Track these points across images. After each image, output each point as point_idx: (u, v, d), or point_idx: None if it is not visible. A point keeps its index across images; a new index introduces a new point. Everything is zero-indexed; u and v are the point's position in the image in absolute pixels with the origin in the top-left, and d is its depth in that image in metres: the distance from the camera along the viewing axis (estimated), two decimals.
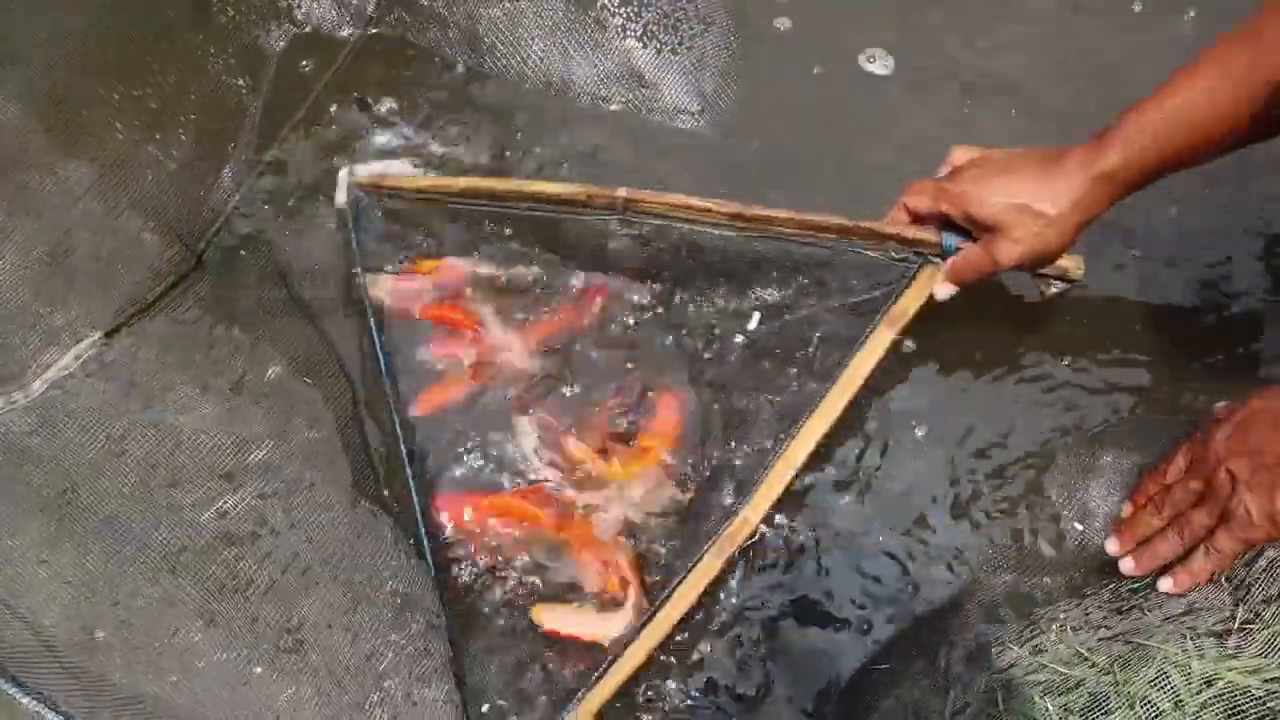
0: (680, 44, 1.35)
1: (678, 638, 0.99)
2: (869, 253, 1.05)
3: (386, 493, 1.08)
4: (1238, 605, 0.84)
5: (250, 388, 1.08)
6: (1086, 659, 0.86)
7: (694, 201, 1.07)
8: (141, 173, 1.26)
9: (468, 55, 1.37)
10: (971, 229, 0.97)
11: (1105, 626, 0.90)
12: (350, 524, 1.00)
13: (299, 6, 1.36)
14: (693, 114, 1.32)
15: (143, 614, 0.94)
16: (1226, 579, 0.87)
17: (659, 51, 1.35)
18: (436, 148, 1.31)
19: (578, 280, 1.19)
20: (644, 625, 0.96)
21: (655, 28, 1.35)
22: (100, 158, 1.20)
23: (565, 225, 1.21)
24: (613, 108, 1.33)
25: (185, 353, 1.11)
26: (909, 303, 1.02)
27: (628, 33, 1.35)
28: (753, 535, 1.01)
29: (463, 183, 1.21)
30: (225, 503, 0.99)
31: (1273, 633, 0.79)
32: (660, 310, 1.17)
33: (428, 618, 0.99)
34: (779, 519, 1.05)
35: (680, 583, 0.97)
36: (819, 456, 1.04)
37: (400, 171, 1.28)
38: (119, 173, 1.23)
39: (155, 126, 1.30)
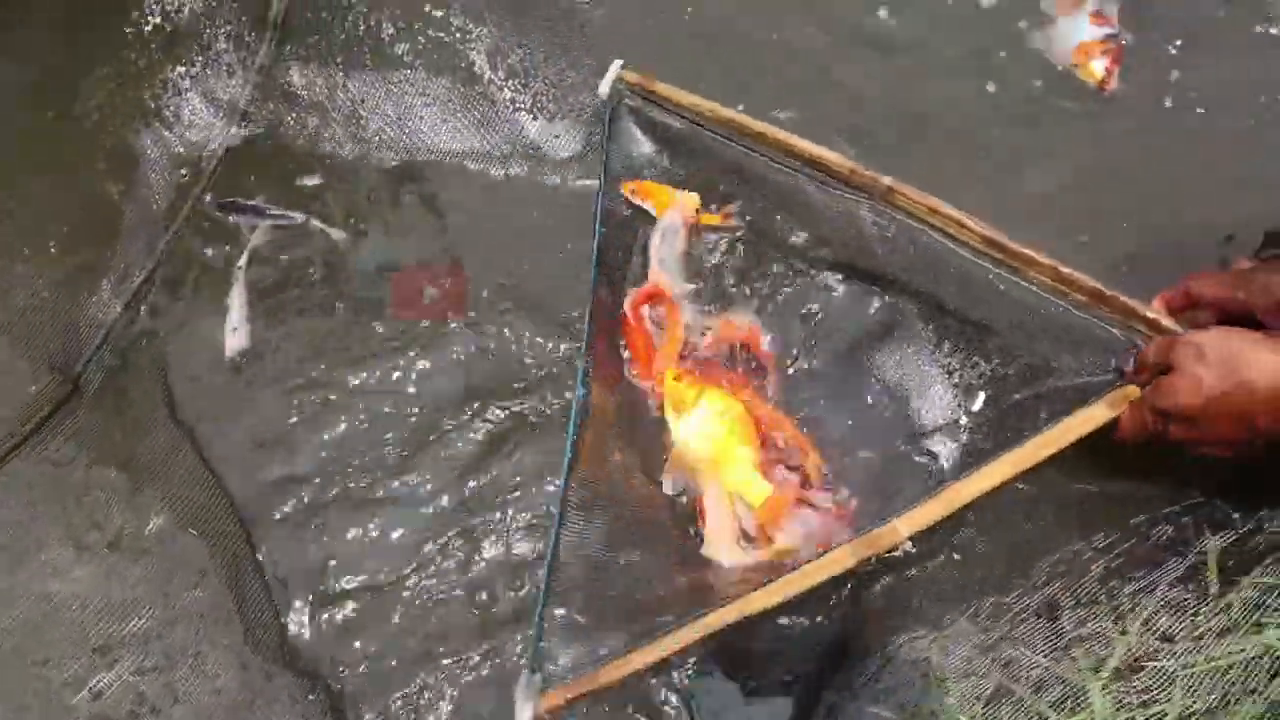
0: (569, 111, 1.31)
1: None
2: (1113, 329, 0.98)
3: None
4: (1129, 633, 0.84)
5: (130, 543, 1.01)
6: None
7: (952, 211, 1.03)
8: (11, 290, 1.19)
9: (352, 140, 1.30)
10: (1270, 324, 0.90)
11: (973, 674, 0.89)
12: (242, 689, 0.93)
13: (168, 106, 1.28)
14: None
15: None
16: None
17: (550, 119, 1.31)
18: (334, 234, 1.25)
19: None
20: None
21: (543, 98, 1.31)
22: None
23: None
24: (500, 174, 1.28)
25: (58, 502, 1.04)
26: (1135, 391, 0.95)
27: (517, 105, 1.30)
28: (894, 548, 0.94)
29: (730, 115, 1.15)
30: (100, 680, 0.91)
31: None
32: None
33: None
34: None
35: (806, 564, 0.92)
36: None
37: None
38: None
39: (25, 238, 1.22)
